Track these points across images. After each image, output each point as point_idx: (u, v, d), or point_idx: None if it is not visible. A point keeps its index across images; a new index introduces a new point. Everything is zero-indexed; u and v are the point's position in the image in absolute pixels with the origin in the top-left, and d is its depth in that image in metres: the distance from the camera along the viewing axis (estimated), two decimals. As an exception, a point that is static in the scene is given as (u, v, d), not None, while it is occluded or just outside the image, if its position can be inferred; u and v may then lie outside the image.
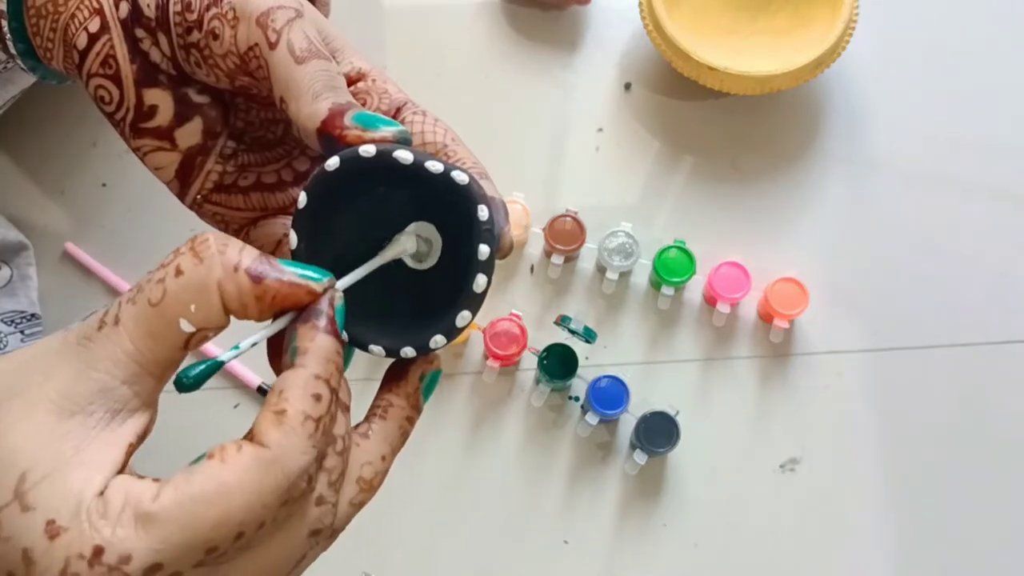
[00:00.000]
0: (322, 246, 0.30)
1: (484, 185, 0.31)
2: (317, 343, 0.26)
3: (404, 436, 0.31)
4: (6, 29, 0.33)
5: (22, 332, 0.71)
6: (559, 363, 0.69)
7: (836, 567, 0.69)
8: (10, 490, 0.23)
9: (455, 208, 0.29)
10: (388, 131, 0.29)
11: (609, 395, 0.68)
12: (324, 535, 0.28)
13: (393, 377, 0.31)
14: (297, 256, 0.30)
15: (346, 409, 0.28)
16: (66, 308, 0.73)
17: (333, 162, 0.29)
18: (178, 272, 0.25)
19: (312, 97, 0.29)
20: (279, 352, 0.28)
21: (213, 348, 0.66)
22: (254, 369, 0.71)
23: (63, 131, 0.78)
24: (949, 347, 0.73)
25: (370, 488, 0.29)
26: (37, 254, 0.74)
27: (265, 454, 0.24)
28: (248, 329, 0.28)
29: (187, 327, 0.25)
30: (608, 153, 0.77)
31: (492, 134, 0.77)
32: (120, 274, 0.74)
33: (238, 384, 0.71)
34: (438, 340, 0.30)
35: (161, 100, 0.32)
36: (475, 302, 0.30)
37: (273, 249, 0.33)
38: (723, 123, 0.78)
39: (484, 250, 0.29)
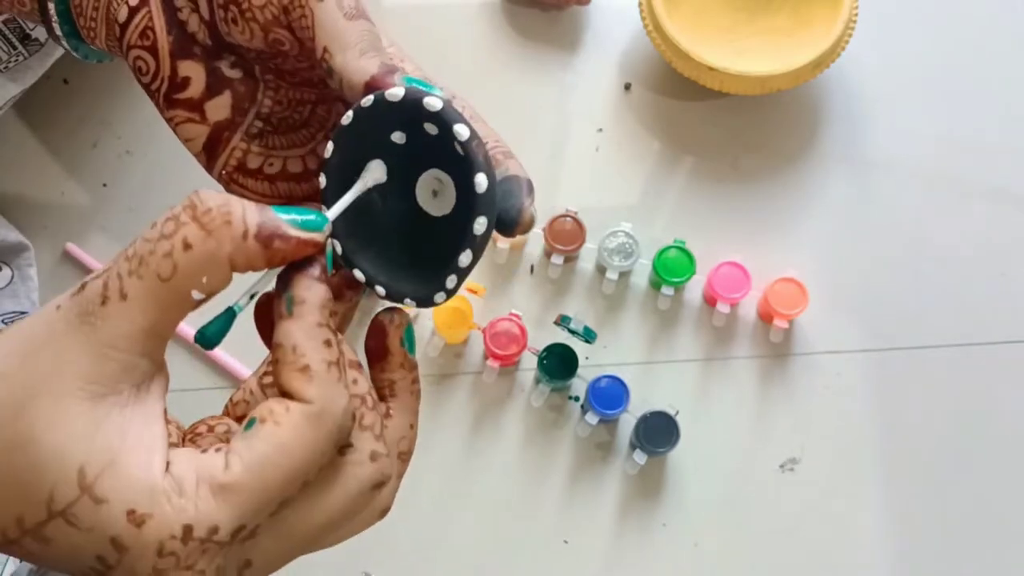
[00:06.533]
0: (347, 184, 0.31)
1: (510, 164, 0.33)
2: (314, 292, 0.28)
3: (417, 396, 0.32)
4: (52, 12, 0.34)
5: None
6: (559, 363, 0.69)
7: (836, 567, 0.69)
8: (73, 485, 0.24)
9: (460, 162, 0.29)
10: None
11: (609, 395, 0.68)
12: (389, 487, 0.30)
13: (377, 356, 0.32)
14: (325, 194, 0.30)
15: (359, 367, 0.30)
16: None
17: (367, 100, 0.29)
18: (186, 246, 0.25)
19: (359, 52, 0.30)
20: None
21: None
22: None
23: (64, 132, 0.78)
24: (949, 347, 0.73)
25: (409, 456, 0.32)
26: (38, 255, 0.74)
27: (311, 409, 0.26)
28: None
29: (198, 296, 0.26)
30: (608, 153, 0.77)
31: (492, 134, 0.77)
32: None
33: (236, 383, 0.72)
34: (439, 297, 0.30)
35: (194, 72, 0.33)
36: (473, 244, 0.29)
37: None
38: (723, 123, 0.78)
39: (483, 218, 0.29)
